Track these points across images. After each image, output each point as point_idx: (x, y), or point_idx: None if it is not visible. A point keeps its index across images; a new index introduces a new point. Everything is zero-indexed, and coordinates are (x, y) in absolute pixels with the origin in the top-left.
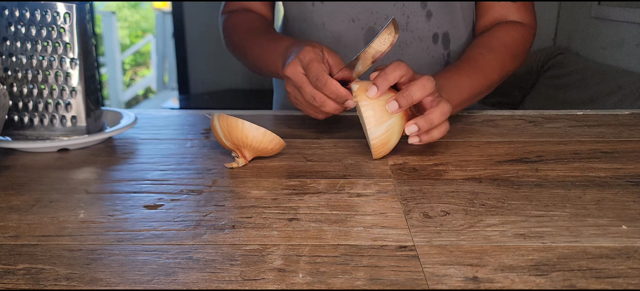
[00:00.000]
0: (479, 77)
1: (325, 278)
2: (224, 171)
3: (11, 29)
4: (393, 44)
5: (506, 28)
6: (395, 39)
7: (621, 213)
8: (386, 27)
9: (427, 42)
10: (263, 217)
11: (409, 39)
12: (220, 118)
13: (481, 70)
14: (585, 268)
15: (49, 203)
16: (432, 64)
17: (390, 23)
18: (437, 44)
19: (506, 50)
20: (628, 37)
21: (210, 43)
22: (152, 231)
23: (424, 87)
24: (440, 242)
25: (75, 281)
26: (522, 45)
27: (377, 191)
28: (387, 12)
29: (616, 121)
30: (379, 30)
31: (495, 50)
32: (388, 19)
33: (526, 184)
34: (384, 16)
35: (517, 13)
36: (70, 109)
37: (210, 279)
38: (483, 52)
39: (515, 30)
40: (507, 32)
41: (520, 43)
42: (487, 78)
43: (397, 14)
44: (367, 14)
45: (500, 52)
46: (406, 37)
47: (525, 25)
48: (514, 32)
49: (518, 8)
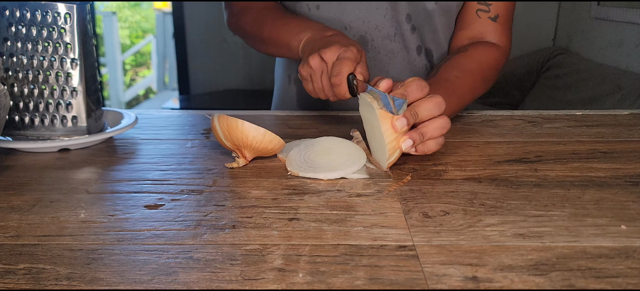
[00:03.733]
0: (453, 98)
1: (325, 277)
2: (224, 171)
3: (12, 30)
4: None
5: (482, 51)
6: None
7: (620, 213)
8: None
9: (413, 53)
10: (263, 217)
11: (397, 49)
12: (221, 119)
13: (455, 92)
14: (585, 268)
15: (50, 203)
16: (416, 73)
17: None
18: (420, 56)
19: (480, 74)
20: (628, 37)
21: (211, 43)
22: (153, 231)
23: (437, 107)
24: (440, 242)
25: (76, 281)
26: (495, 69)
27: (377, 191)
28: (378, 23)
29: (615, 121)
30: (369, 43)
31: (471, 73)
32: (378, 30)
33: (525, 184)
34: (374, 26)
35: (495, 34)
36: (70, 109)
37: (211, 279)
38: (459, 75)
39: (491, 53)
40: (483, 55)
41: (494, 67)
42: (460, 100)
43: (387, 24)
44: (359, 22)
45: (474, 76)
46: (394, 47)
47: (501, 48)
48: (489, 56)
49: (496, 29)
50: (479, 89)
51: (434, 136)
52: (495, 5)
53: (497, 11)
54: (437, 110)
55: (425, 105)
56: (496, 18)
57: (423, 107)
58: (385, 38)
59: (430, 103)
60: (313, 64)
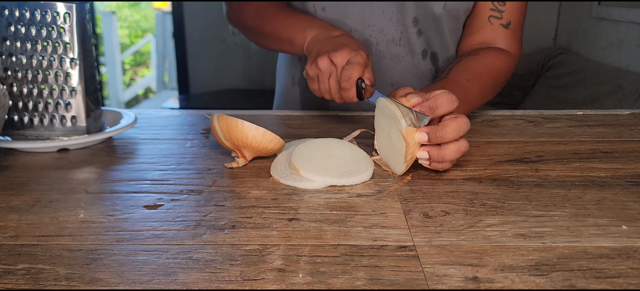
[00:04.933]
0: (463, 103)
1: (325, 278)
2: (224, 171)
3: (11, 29)
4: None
5: (493, 56)
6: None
7: (621, 213)
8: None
9: (418, 57)
10: (263, 217)
11: (401, 53)
12: (220, 119)
13: (465, 97)
14: (585, 268)
15: (49, 203)
16: (420, 77)
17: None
18: (426, 60)
19: (491, 80)
20: (628, 37)
21: (210, 43)
22: (152, 231)
23: (462, 128)
24: (440, 242)
25: (75, 281)
26: (505, 75)
27: (377, 191)
28: (383, 26)
29: (616, 121)
30: (373, 46)
31: (481, 78)
32: (384, 33)
33: (526, 184)
34: (379, 30)
35: (506, 41)
36: (70, 109)
37: (210, 279)
38: (470, 79)
39: (501, 59)
40: (494, 60)
41: (504, 73)
42: (468, 105)
43: (392, 28)
44: (364, 25)
45: (484, 82)
46: (399, 51)
47: (511, 54)
48: (499, 62)
49: (507, 36)
50: (487, 96)
51: (451, 159)
52: (508, 11)
53: (509, 18)
54: (461, 131)
55: (452, 125)
56: (508, 25)
57: (450, 128)
58: (390, 42)
59: (456, 125)
60: (322, 65)
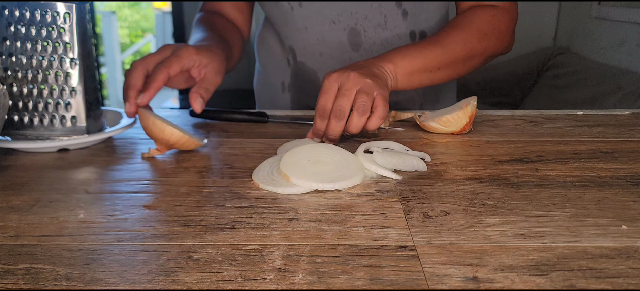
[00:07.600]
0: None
1: (325, 278)
2: (224, 171)
3: (11, 29)
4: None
5: (477, 10)
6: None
7: (621, 213)
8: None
9: (405, 39)
10: (263, 217)
11: (389, 38)
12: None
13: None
14: (585, 268)
15: (49, 203)
16: None
17: None
18: (414, 41)
19: (474, 27)
20: (628, 37)
21: None
22: (152, 231)
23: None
24: (440, 242)
25: (75, 281)
26: (492, 24)
27: (377, 191)
28: (366, 12)
29: (616, 121)
30: (362, 34)
31: (460, 27)
32: (368, 19)
33: (526, 184)
34: (363, 16)
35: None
36: (70, 109)
37: (210, 279)
38: (446, 29)
39: (486, 11)
40: (476, 12)
41: (491, 22)
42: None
43: (375, 13)
44: (347, 14)
45: (465, 29)
46: (387, 36)
47: (499, 7)
48: (483, 13)
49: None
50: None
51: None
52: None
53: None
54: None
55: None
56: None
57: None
58: (377, 27)
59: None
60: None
